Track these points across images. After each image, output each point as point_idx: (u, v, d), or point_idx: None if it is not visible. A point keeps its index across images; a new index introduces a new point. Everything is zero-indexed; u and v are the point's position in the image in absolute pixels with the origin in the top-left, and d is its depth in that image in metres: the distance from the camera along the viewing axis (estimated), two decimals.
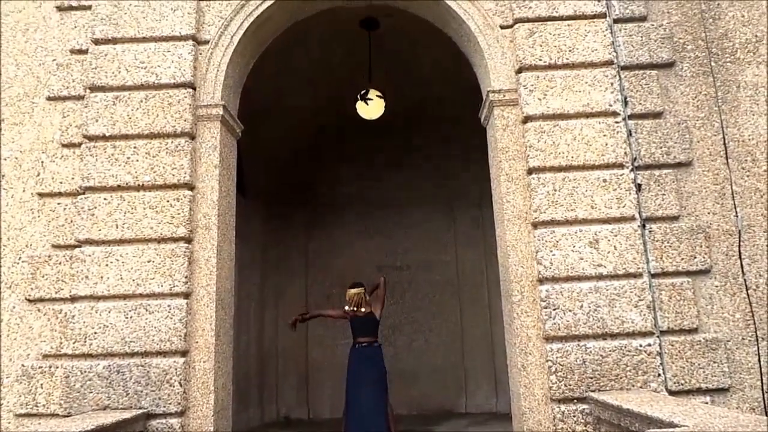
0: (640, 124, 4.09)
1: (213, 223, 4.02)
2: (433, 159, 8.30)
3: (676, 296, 3.84)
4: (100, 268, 3.89)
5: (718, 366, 3.75)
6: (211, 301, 3.91)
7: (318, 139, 8.10)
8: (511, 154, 4.08)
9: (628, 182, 3.94)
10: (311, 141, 8.09)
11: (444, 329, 8.12)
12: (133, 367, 3.75)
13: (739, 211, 4.01)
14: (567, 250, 3.85)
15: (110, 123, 4.08)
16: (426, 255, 8.35)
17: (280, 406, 8.03)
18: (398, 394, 6.33)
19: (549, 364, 3.71)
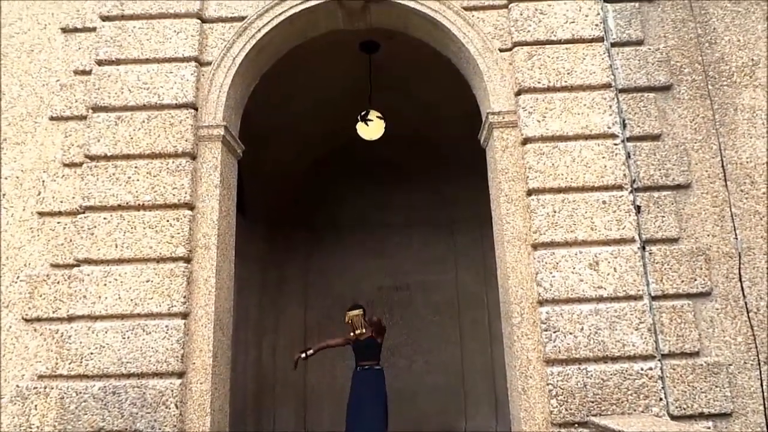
0: (639, 146, 4.11)
1: (213, 243, 4.01)
2: (433, 180, 8.32)
3: (677, 319, 3.82)
4: (99, 287, 3.87)
5: (721, 390, 3.70)
6: (209, 321, 3.88)
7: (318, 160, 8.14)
8: (510, 175, 4.09)
9: (627, 204, 3.95)
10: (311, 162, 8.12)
11: (444, 351, 8.04)
12: (129, 388, 3.70)
13: (739, 233, 4.01)
14: (567, 271, 3.84)
15: (112, 143, 4.11)
16: (426, 276, 8.32)
17: (278, 429, 7.91)
18: (398, 416, 6.24)
19: (550, 388, 3.67)
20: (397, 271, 8.35)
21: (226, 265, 4.19)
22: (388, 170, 8.17)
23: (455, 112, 6.72)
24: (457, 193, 8.13)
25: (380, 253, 8.42)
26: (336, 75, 6.55)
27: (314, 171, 8.24)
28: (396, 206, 8.41)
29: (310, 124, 7.38)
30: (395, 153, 7.86)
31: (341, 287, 8.30)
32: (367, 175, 8.22)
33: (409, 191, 8.39)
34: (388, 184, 8.32)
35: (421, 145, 7.98)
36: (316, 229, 8.51)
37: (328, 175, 8.32)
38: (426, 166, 8.20)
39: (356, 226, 8.46)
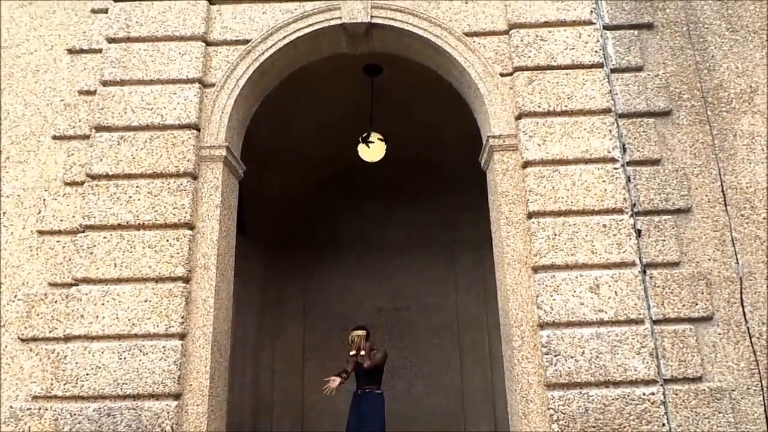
0: (639, 171, 4.13)
1: (212, 263, 4.00)
2: (433, 203, 8.34)
3: (678, 343, 3.79)
4: (96, 307, 3.85)
5: (724, 416, 3.65)
6: (207, 342, 3.85)
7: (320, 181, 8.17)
8: (511, 198, 4.10)
9: (628, 228, 3.95)
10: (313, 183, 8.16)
11: (444, 373, 7.96)
12: (125, 410, 3.65)
13: (740, 258, 4.00)
14: (567, 294, 3.82)
15: (114, 162, 4.12)
16: (426, 298, 8.28)
17: None
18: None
19: (551, 412, 3.62)
20: (398, 292, 8.31)
21: (225, 285, 4.17)
22: (389, 192, 8.20)
23: (456, 135, 6.77)
24: (457, 215, 8.14)
25: (381, 274, 8.40)
26: (338, 98, 6.62)
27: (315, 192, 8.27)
28: (397, 227, 8.42)
29: (312, 146, 7.44)
30: (396, 175, 7.90)
31: (341, 308, 8.26)
32: (368, 197, 8.24)
33: (410, 213, 8.40)
34: (389, 205, 8.34)
35: (422, 167, 8.02)
36: (316, 250, 8.50)
37: (329, 196, 8.35)
38: (427, 188, 8.23)
39: (357, 248, 8.45)
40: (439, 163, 7.81)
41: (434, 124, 7.14)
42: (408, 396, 7.89)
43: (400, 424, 7.18)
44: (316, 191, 8.25)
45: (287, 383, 8.06)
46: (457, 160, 6.98)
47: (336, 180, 8.16)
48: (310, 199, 8.27)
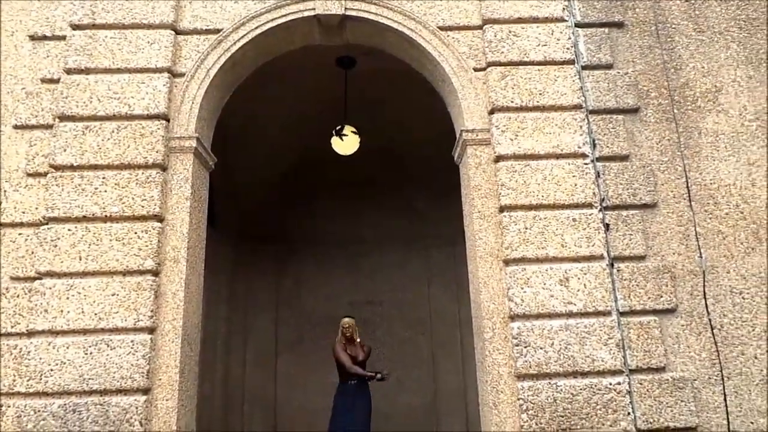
0: (608, 166, 4.21)
1: (182, 256, 3.93)
2: (406, 197, 8.35)
3: (644, 335, 3.89)
4: (61, 301, 3.74)
5: (686, 405, 3.77)
6: (176, 336, 3.79)
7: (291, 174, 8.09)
8: (483, 192, 4.14)
9: (597, 222, 4.03)
10: (284, 176, 8.07)
11: (417, 368, 8.01)
12: (91, 406, 3.57)
13: (703, 252, 4.13)
14: (538, 287, 3.88)
15: (79, 153, 4.01)
16: (399, 293, 8.30)
17: None
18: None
19: (521, 402, 3.69)
20: (370, 287, 8.31)
21: (195, 278, 4.11)
22: (361, 187, 8.17)
23: (429, 130, 6.80)
24: (430, 211, 8.17)
25: (353, 269, 8.38)
26: (311, 89, 6.56)
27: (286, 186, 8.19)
28: (369, 222, 8.40)
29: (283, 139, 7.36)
30: (369, 169, 7.87)
31: (313, 302, 8.23)
32: (340, 191, 8.20)
33: (383, 207, 8.39)
34: (362, 200, 8.31)
35: (395, 161, 8.02)
36: (286, 245, 8.42)
37: (300, 189, 8.27)
38: (400, 183, 8.23)
39: (328, 242, 8.41)
40: (412, 158, 7.83)
41: (408, 119, 7.15)
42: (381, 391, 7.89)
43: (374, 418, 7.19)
44: (287, 185, 8.17)
45: (259, 379, 7.99)
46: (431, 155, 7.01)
47: (307, 174, 8.10)
48: (281, 192, 8.18)
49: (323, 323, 8.11)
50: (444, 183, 6.88)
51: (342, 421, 5.57)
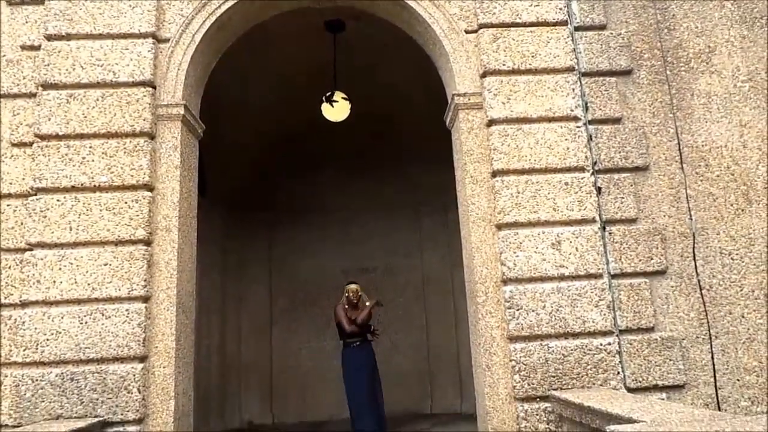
0: (600, 129, 4.19)
1: (174, 225, 3.91)
2: (398, 164, 8.29)
3: (634, 296, 3.95)
4: (53, 272, 3.73)
5: (674, 364, 3.86)
6: (171, 304, 3.80)
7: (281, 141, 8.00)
8: (475, 156, 4.12)
9: (588, 185, 4.04)
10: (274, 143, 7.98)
11: (410, 333, 8.12)
12: (88, 374, 3.60)
13: (693, 214, 4.16)
14: (530, 251, 3.91)
15: (64, 122, 3.93)
16: (392, 259, 8.35)
17: (244, 414, 7.86)
18: None
19: (513, 364, 3.76)
20: (363, 254, 8.34)
21: (187, 247, 4.10)
22: (351, 154, 8.09)
23: (421, 95, 6.71)
24: (422, 177, 8.14)
25: (345, 236, 8.39)
26: (300, 54, 6.43)
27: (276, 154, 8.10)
28: (361, 190, 8.36)
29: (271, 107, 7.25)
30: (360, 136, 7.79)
31: (307, 270, 8.26)
32: (330, 159, 8.13)
33: (374, 175, 8.34)
34: (352, 168, 8.24)
35: (386, 127, 7.93)
36: (278, 213, 8.40)
37: (290, 158, 8.20)
38: (391, 150, 8.16)
39: (320, 210, 8.39)
40: (404, 125, 7.75)
41: (398, 84, 7.05)
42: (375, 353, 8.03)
43: None
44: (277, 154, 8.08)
45: (255, 346, 8.08)
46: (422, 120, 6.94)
47: (297, 143, 8.01)
48: (271, 161, 8.10)
49: (315, 291, 8.18)
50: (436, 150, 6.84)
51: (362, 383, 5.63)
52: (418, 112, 7.09)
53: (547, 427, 3.65)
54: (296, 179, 8.31)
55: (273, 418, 7.83)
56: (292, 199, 8.39)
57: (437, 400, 7.82)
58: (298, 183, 8.32)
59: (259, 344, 8.08)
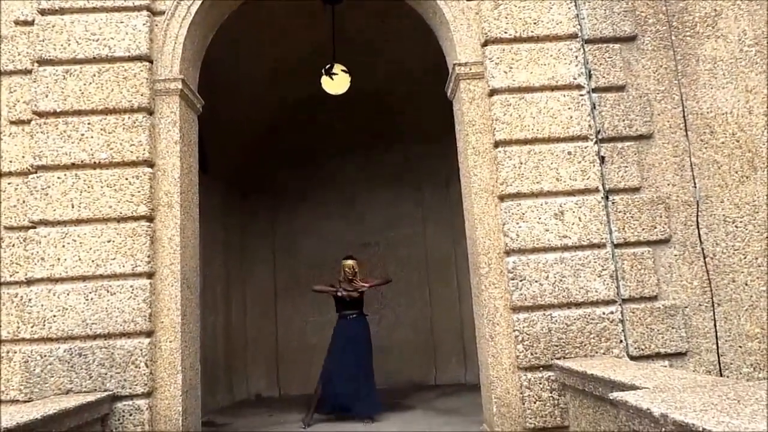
0: (604, 97, 4.14)
1: (175, 201, 3.90)
2: (399, 138, 8.25)
3: (637, 265, 3.94)
4: (57, 249, 3.74)
5: (676, 331, 3.88)
6: (175, 280, 3.82)
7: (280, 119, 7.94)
8: (477, 127, 4.08)
9: (592, 155, 4.00)
10: (273, 120, 7.92)
11: (413, 305, 8.18)
12: (96, 349, 3.64)
13: (698, 182, 4.12)
14: (533, 222, 3.90)
15: (61, 98, 3.90)
16: (395, 233, 8.36)
17: (251, 387, 7.99)
18: None
19: (516, 334, 3.78)
20: (366, 229, 8.35)
21: (190, 223, 4.10)
22: (351, 130, 8.03)
23: (421, 67, 6.62)
24: (423, 151, 8.10)
25: (347, 212, 8.40)
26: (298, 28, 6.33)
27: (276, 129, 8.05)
28: (362, 164, 8.33)
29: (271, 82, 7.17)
30: (360, 111, 7.73)
31: (310, 246, 8.29)
32: (331, 133, 8.07)
33: (376, 150, 8.30)
34: (353, 143, 8.19)
35: (386, 102, 7.86)
36: (280, 188, 8.39)
37: (290, 135, 8.14)
38: (392, 125, 8.11)
39: (321, 186, 8.38)
40: (404, 99, 7.67)
41: (398, 57, 6.95)
42: (379, 326, 8.11)
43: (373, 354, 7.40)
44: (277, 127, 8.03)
45: (260, 322, 8.17)
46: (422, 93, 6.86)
47: (297, 118, 7.95)
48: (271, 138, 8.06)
49: (319, 266, 8.20)
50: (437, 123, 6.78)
51: (342, 359, 5.56)
52: (418, 86, 7.01)
53: (550, 395, 3.70)
54: (297, 156, 8.27)
55: (279, 390, 7.96)
56: (293, 175, 8.36)
57: (441, 372, 7.92)
58: (299, 160, 8.28)
59: (264, 320, 8.16)
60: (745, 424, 1.64)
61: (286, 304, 8.25)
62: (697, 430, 1.71)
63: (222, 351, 7.35)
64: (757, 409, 1.84)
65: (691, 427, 1.74)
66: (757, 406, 1.89)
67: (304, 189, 8.40)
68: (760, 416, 1.73)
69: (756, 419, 1.70)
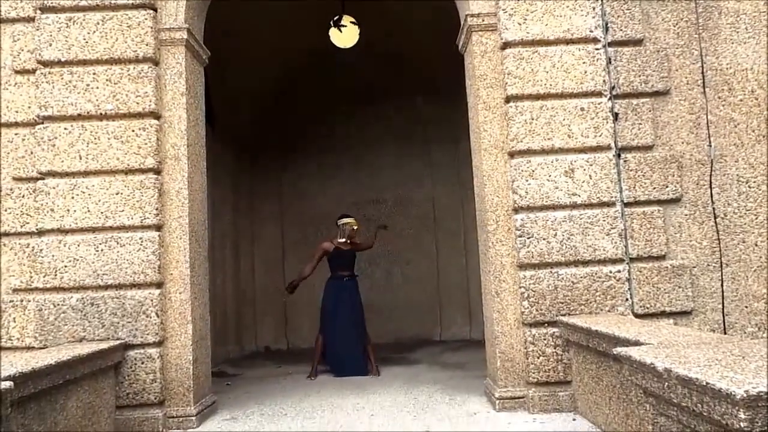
0: (620, 52, 4.01)
1: (182, 154, 3.89)
2: (407, 95, 8.11)
3: (646, 224, 3.91)
4: (66, 200, 3.76)
5: (683, 291, 3.88)
6: (184, 233, 3.85)
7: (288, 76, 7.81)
8: (489, 81, 3.99)
9: (605, 111, 3.91)
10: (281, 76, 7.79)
11: (420, 263, 8.23)
12: (108, 299, 3.71)
13: (713, 140, 4.04)
14: (543, 179, 3.86)
15: (65, 47, 3.83)
16: (402, 191, 8.34)
17: (260, 340, 8.17)
18: (375, 325, 6.46)
19: (522, 291, 3.80)
20: (374, 187, 8.33)
21: (197, 176, 4.09)
22: (359, 87, 7.90)
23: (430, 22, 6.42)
24: (432, 108, 7.99)
25: (355, 169, 8.35)
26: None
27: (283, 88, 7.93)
28: (369, 123, 8.23)
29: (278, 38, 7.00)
30: (369, 67, 7.57)
31: (317, 204, 8.29)
32: (337, 93, 7.94)
33: (384, 107, 8.19)
34: (361, 101, 8.07)
35: (395, 59, 7.69)
36: (288, 147, 8.33)
37: (298, 92, 8.02)
38: (401, 81, 7.95)
39: (329, 143, 8.31)
40: (413, 55, 7.49)
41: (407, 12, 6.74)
42: (386, 283, 8.20)
43: (379, 310, 7.52)
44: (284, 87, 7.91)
45: (268, 277, 8.27)
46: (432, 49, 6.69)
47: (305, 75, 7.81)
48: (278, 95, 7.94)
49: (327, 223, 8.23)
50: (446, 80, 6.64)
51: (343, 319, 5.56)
52: (427, 39, 6.82)
53: (554, 351, 3.74)
54: (305, 113, 8.17)
55: (287, 343, 8.14)
56: (302, 133, 8.29)
57: (446, 328, 8.04)
58: (307, 117, 8.18)
59: (273, 275, 8.25)
60: (749, 379, 1.65)
61: (294, 260, 8.30)
62: (700, 385, 1.73)
63: (232, 305, 7.48)
64: (761, 365, 1.84)
65: (695, 381, 1.76)
66: (761, 362, 1.90)
67: (313, 146, 8.34)
68: (765, 372, 1.74)
69: (760, 374, 1.71)
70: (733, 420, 1.58)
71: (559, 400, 3.70)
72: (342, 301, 5.67)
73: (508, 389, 3.79)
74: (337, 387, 4.94)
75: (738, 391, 1.55)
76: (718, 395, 1.63)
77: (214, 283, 6.01)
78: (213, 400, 4.13)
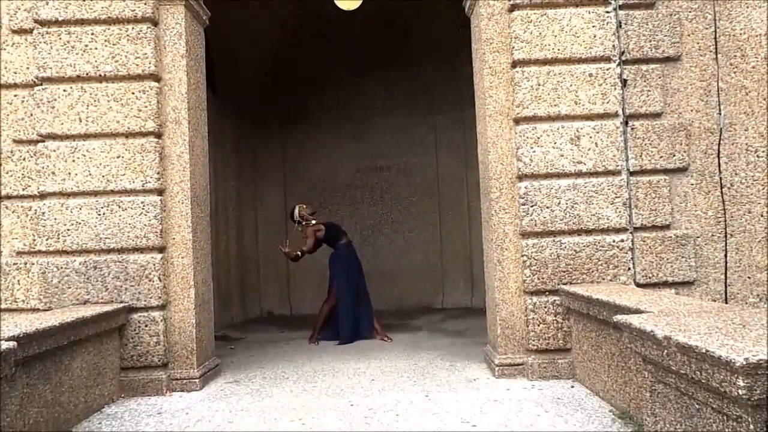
0: (631, 15, 3.89)
1: (183, 117, 3.84)
2: (411, 61, 7.94)
3: (651, 194, 3.87)
4: (67, 163, 3.74)
5: (686, 261, 3.87)
6: (185, 198, 3.83)
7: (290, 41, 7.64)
8: (495, 45, 3.89)
9: (614, 77, 3.83)
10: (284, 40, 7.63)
11: (423, 231, 8.23)
12: (111, 263, 3.73)
13: (723, 108, 3.96)
14: (548, 146, 3.80)
15: (62, 6, 3.74)
16: (406, 158, 8.27)
17: (263, 305, 8.25)
18: (378, 293, 6.50)
19: (524, 259, 3.79)
20: (377, 153, 8.26)
21: (199, 140, 4.05)
22: (362, 52, 7.72)
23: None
24: (437, 75, 7.84)
25: (358, 136, 8.27)
26: None
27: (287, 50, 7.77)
28: (373, 89, 8.10)
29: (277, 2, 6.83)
30: (373, 32, 7.40)
31: (320, 170, 8.25)
32: (340, 58, 7.79)
33: (388, 73, 8.03)
34: (363, 66, 7.91)
35: (399, 24, 7.51)
36: (291, 113, 8.23)
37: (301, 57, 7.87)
38: (403, 46, 7.78)
39: (332, 110, 8.20)
40: (417, 20, 7.31)
41: None
42: (389, 251, 8.22)
43: (382, 277, 7.56)
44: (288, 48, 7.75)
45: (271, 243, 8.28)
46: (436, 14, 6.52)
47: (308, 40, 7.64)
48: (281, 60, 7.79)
49: (330, 190, 8.25)
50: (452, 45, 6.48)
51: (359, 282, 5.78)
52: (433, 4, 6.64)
53: (554, 318, 3.76)
54: (307, 79, 8.03)
55: (291, 308, 8.22)
56: (304, 99, 8.17)
57: (448, 295, 8.09)
58: (310, 83, 8.05)
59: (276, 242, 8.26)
60: (749, 348, 1.64)
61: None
62: (700, 352, 1.73)
63: (235, 270, 7.53)
64: (761, 334, 1.84)
65: (695, 348, 1.76)
66: (762, 330, 1.89)
67: (316, 113, 8.24)
68: (765, 340, 1.74)
69: (760, 343, 1.71)
70: (731, 387, 1.58)
71: (558, 368, 3.74)
72: (355, 266, 5.83)
73: (508, 356, 3.83)
74: (339, 352, 5.01)
75: (737, 359, 1.55)
76: (717, 363, 1.63)
77: (217, 248, 6.03)
78: (216, 363, 4.19)
